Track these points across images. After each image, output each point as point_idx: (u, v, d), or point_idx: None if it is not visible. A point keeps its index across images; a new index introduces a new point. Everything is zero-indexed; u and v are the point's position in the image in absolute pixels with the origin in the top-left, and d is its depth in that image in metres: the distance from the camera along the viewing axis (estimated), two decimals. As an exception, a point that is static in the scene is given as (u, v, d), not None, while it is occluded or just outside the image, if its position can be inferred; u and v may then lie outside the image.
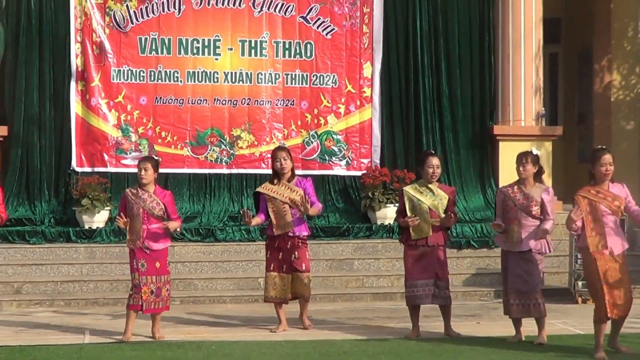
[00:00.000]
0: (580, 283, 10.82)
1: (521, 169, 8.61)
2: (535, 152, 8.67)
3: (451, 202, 8.93)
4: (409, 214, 8.80)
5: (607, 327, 7.98)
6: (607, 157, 8.11)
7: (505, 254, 8.70)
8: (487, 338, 8.79)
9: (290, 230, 9.11)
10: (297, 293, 9.19)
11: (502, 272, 8.80)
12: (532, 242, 8.49)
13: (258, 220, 9.27)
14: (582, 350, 8.08)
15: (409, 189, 8.99)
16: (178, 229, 8.90)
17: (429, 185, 8.88)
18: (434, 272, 8.79)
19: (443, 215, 8.76)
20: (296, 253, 9.13)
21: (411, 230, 8.79)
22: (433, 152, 9.66)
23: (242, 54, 13.16)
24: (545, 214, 8.49)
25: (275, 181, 9.23)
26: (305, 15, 13.26)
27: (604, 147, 8.54)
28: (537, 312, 8.52)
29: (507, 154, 12.80)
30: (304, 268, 9.16)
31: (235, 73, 13.14)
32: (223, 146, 13.12)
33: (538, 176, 8.69)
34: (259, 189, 9.39)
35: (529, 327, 8.62)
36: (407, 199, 8.86)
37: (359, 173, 13.22)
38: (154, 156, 9.39)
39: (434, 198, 8.82)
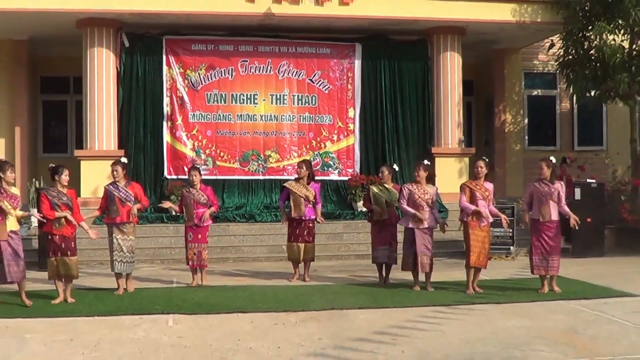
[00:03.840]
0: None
1: (416, 173, 8.31)
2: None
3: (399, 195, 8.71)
4: (372, 202, 8.72)
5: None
6: (479, 163, 8.15)
7: (411, 230, 8.17)
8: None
9: (303, 215, 9.04)
10: (306, 256, 9.11)
11: (407, 243, 8.22)
12: (430, 222, 8.21)
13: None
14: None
15: (373, 187, 8.89)
16: (215, 211, 8.88)
17: (385, 185, 8.77)
18: (389, 241, 8.67)
19: (396, 204, 8.59)
20: (306, 230, 9.09)
21: (374, 214, 8.73)
22: (386, 164, 9.16)
23: (272, 103, 13.04)
24: (433, 205, 8.24)
25: (298, 181, 9.14)
26: (311, 78, 13.15)
27: (484, 157, 8.46)
28: (431, 269, 8.23)
29: (441, 165, 12.84)
30: (311, 240, 9.12)
31: (267, 115, 13.02)
32: (260, 162, 13.00)
33: (430, 179, 8.34)
34: (285, 184, 9.33)
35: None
36: (372, 194, 8.77)
37: (346, 178, 13.09)
38: (197, 166, 9.29)
39: (388, 194, 8.70)
